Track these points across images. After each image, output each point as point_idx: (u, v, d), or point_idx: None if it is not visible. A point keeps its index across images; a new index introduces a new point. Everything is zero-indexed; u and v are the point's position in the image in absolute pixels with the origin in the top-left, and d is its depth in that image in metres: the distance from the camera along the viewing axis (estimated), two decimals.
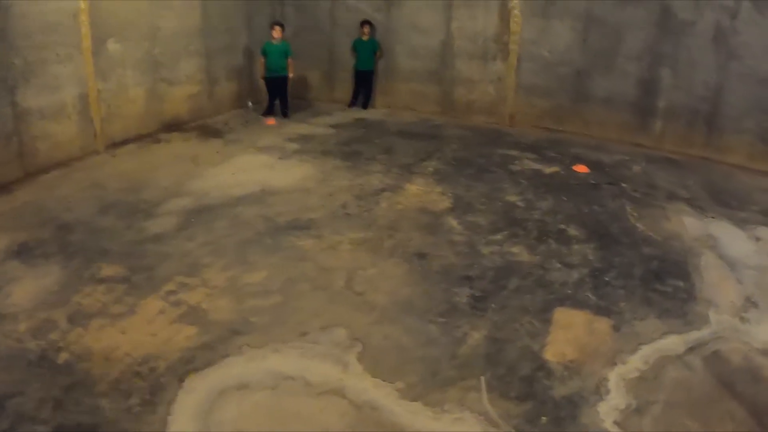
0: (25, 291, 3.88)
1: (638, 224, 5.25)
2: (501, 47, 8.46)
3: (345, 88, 9.52)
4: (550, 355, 3.44)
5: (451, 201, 5.52)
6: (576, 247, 4.73)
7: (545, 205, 5.51)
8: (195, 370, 3.18)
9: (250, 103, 8.99)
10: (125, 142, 6.96)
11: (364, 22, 8.88)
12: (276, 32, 8.14)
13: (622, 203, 5.74)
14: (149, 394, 3.00)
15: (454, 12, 8.59)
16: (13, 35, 5.46)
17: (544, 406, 3.04)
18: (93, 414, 2.87)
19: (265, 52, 8.20)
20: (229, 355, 3.34)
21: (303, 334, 3.57)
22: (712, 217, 5.68)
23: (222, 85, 8.56)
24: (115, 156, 6.59)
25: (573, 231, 5.02)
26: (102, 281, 4.02)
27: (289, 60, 8.23)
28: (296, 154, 6.90)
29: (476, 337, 3.58)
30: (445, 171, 6.38)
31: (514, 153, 7.17)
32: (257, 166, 6.44)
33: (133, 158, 6.58)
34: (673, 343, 3.63)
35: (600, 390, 3.18)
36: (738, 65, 7.03)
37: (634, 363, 3.41)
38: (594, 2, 7.78)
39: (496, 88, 8.62)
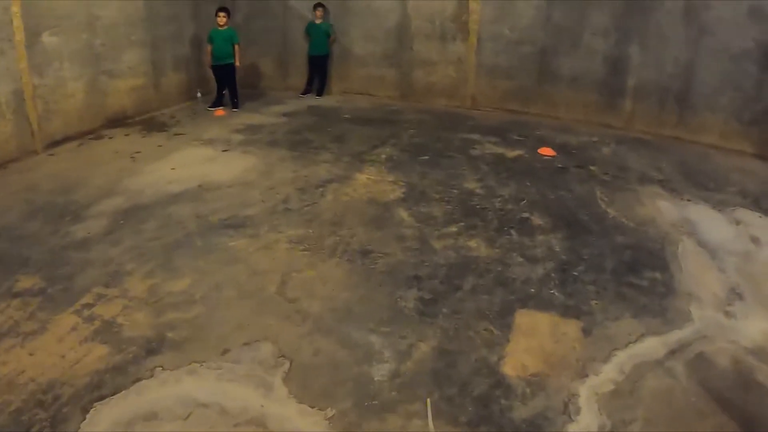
0: None
1: (609, 210, 4.76)
2: (460, 27, 7.92)
3: (300, 74, 8.91)
4: (509, 368, 2.91)
5: (404, 190, 4.97)
6: (541, 237, 4.21)
7: (507, 192, 4.98)
8: (102, 398, 2.71)
9: (199, 94, 8.32)
10: (66, 140, 6.29)
11: (317, 5, 8.31)
12: (221, 18, 7.52)
13: (591, 187, 5.24)
14: (50, 426, 2.53)
15: None
16: None
17: None
18: None
19: (211, 40, 7.59)
20: (141, 379, 2.83)
21: (224, 352, 3.03)
22: (688, 199, 5.24)
23: (169, 76, 7.89)
24: (53, 155, 5.93)
25: (537, 220, 4.50)
26: (17, 295, 3.50)
27: (235, 47, 7.61)
28: (241, 146, 6.29)
29: (424, 349, 3.03)
30: (399, 158, 5.82)
31: (475, 137, 6.64)
32: (199, 160, 5.83)
33: (71, 157, 5.92)
34: (652, 346, 3.13)
35: (568, 409, 2.66)
36: (710, 40, 6.62)
37: (608, 373, 2.90)
38: None
39: (456, 69, 8.08)
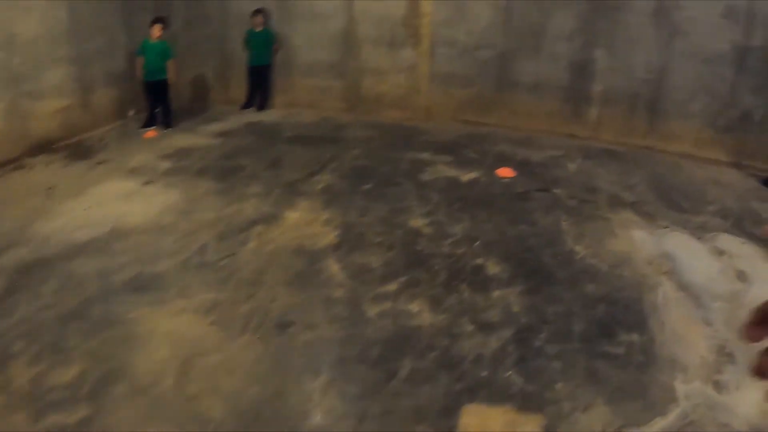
0: None
1: (577, 247, 4.12)
2: (411, 31, 7.22)
3: (242, 87, 8.12)
4: None
5: (338, 233, 4.25)
6: (497, 293, 3.53)
7: (459, 230, 4.30)
8: None
9: (131, 112, 7.48)
10: None
11: (257, 11, 7.53)
12: (155, 30, 6.73)
13: (556, 217, 4.60)
14: None
15: None
16: None
17: None
18: None
19: (142, 52, 6.79)
20: None
21: None
22: (664, 226, 4.65)
23: (100, 94, 7.03)
24: None
25: (493, 267, 3.82)
26: None
27: (169, 63, 6.80)
28: (166, 177, 5.51)
29: None
30: (338, 188, 5.10)
31: (426, 156, 5.96)
32: (117, 196, 5.05)
33: None
34: None
35: None
36: (683, 43, 6.09)
37: None
38: None
39: (408, 78, 7.39)
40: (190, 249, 4.14)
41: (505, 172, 5.52)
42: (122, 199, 5.00)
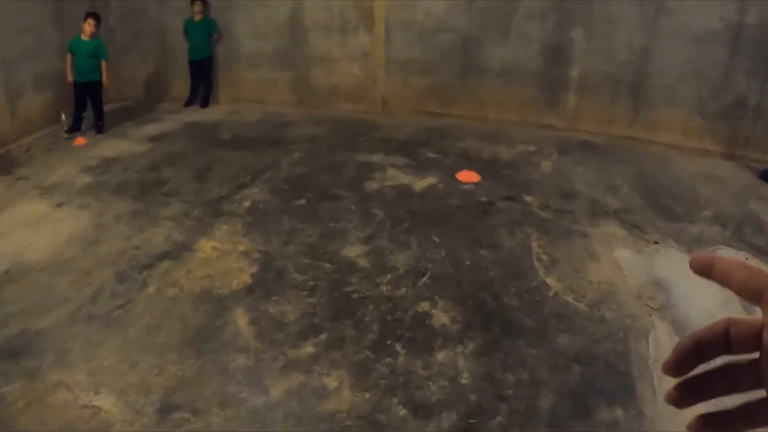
0: None
1: (549, 279, 3.36)
2: (363, 14, 6.38)
3: (185, 82, 7.23)
4: None
5: (256, 269, 3.44)
6: (442, 356, 2.75)
7: (404, 260, 3.51)
8: None
9: (63, 116, 6.56)
10: None
11: None
12: (87, 26, 5.86)
13: (525, 236, 3.84)
14: None
15: None
16: None
17: None
18: None
19: (71, 50, 5.93)
20: None
21: None
22: (655, 242, 3.92)
23: (29, 99, 6.14)
24: None
25: (441, 315, 3.04)
26: None
27: (102, 63, 5.97)
28: (81, 196, 4.69)
29: None
30: (267, 205, 4.28)
31: (377, 159, 5.16)
32: (25, 222, 4.23)
33: None
34: None
35: None
36: (669, 21, 5.40)
37: None
38: None
39: (362, 66, 6.56)
40: (83, 294, 3.35)
41: (468, 177, 4.74)
42: (29, 227, 4.17)
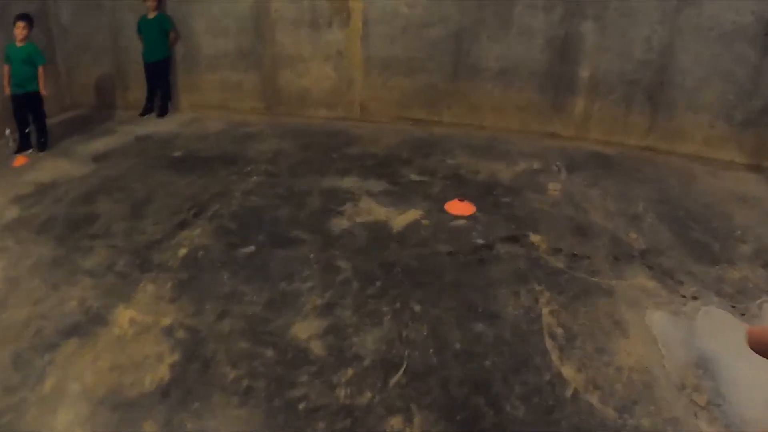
0: None
1: (566, 368, 2.56)
2: (337, 5, 5.51)
3: (142, 87, 6.38)
4: None
5: (178, 357, 2.61)
6: None
7: (372, 344, 2.67)
8: None
9: (7, 131, 5.67)
10: None
11: None
12: (17, 30, 5.08)
13: (532, 299, 3.03)
14: None
15: None
16: None
17: None
18: None
19: (8, 59, 5.17)
20: None
21: None
22: (693, 297, 3.13)
23: None
24: None
25: None
26: None
27: (39, 69, 5.17)
28: (2, 235, 3.86)
29: None
30: (206, 254, 3.44)
31: (349, 184, 4.33)
32: None
33: None
34: None
35: None
36: (694, 14, 4.67)
37: None
38: None
39: (337, 66, 5.70)
40: None
41: (460, 208, 3.91)
42: None
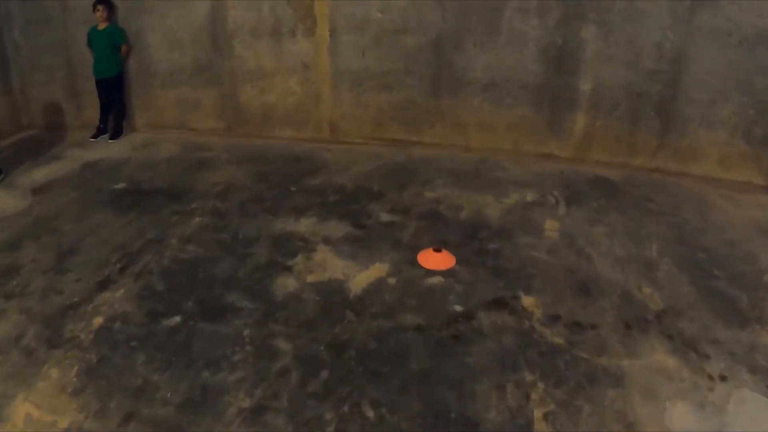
0: None
1: None
2: (301, 12, 4.87)
3: (98, 105, 5.75)
4: None
5: None
6: None
7: None
8: None
9: None
10: None
11: (98, 2, 5.28)
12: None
13: (522, 396, 2.39)
14: None
15: None
16: None
17: None
18: None
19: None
20: None
21: None
22: (721, 377, 2.50)
23: None
24: None
25: None
26: None
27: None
28: None
29: None
30: (123, 328, 2.78)
31: (305, 227, 3.69)
32: None
33: None
34: None
35: None
36: (710, 17, 4.13)
37: None
38: None
39: (302, 81, 5.08)
40: None
41: (436, 261, 3.26)
42: None
